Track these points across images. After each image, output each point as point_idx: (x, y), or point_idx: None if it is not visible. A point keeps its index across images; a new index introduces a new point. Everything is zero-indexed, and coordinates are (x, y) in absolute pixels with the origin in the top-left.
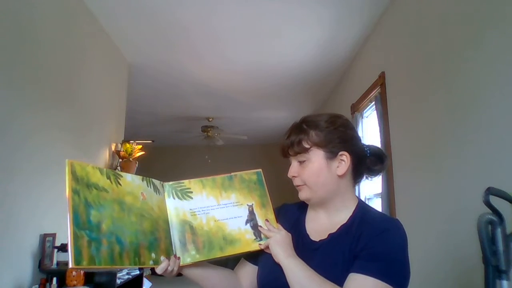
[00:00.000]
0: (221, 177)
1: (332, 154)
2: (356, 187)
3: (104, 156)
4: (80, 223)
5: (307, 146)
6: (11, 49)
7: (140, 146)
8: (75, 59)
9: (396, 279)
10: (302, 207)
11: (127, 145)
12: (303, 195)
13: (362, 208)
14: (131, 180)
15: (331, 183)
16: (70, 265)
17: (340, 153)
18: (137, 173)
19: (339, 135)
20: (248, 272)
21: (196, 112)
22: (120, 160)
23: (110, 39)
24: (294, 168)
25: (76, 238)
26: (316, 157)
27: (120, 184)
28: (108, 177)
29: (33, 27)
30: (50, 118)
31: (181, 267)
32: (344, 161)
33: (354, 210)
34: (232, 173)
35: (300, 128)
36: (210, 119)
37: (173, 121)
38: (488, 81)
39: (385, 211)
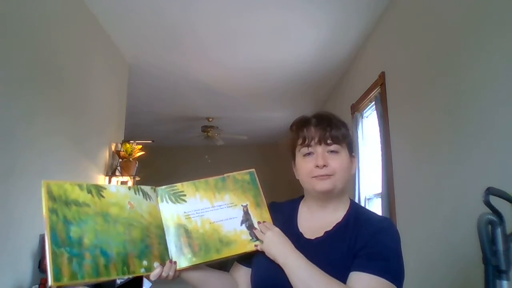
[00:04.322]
0: (214, 179)
1: (351, 154)
2: (356, 187)
3: (104, 156)
4: (58, 241)
5: (343, 139)
6: (11, 51)
7: (140, 146)
8: (76, 59)
9: (396, 276)
10: (293, 205)
11: (127, 145)
12: (326, 185)
13: (355, 208)
14: (115, 191)
15: (348, 180)
16: (50, 283)
17: (353, 154)
18: (137, 173)
19: (351, 140)
20: (243, 275)
21: (196, 112)
22: (120, 160)
23: (110, 39)
24: (324, 157)
25: (54, 256)
26: (345, 152)
27: (103, 197)
28: (89, 191)
29: (32, 28)
30: (50, 120)
31: (178, 272)
32: (354, 163)
33: (348, 209)
34: (225, 174)
35: (334, 121)
36: (210, 119)
37: (173, 121)
38: (488, 80)
39: (385, 211)
